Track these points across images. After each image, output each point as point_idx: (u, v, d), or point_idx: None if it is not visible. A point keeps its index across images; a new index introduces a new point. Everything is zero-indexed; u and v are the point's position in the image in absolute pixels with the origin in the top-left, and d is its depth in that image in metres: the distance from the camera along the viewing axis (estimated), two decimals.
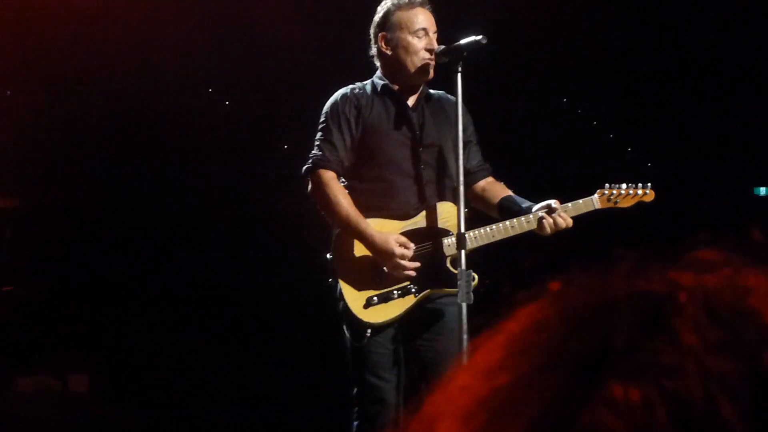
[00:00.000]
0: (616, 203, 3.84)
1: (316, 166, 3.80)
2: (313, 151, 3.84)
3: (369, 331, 3.64)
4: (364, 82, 3.93)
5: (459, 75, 3.64)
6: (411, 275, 3.68)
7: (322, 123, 3.87)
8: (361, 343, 3.65)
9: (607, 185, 3.83)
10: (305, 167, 3.84)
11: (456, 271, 3.52)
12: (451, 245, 3.70)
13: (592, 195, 3.81)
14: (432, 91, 3.96)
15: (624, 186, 3.85)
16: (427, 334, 3.71)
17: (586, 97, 6.64)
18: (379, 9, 3.90)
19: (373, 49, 3.94)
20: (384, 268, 3.69)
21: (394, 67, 3.85)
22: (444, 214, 3.76)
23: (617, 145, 6.69)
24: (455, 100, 3.64)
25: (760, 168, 6.48)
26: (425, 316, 3.73)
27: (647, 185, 3.91)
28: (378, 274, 3.70)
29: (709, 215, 6.02)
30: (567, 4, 6.21)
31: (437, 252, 3.73)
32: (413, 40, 3.78)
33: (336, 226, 3.77)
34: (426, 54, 3.77)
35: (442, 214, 3.77)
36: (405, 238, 3.69)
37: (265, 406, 6.25)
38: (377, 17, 3.90)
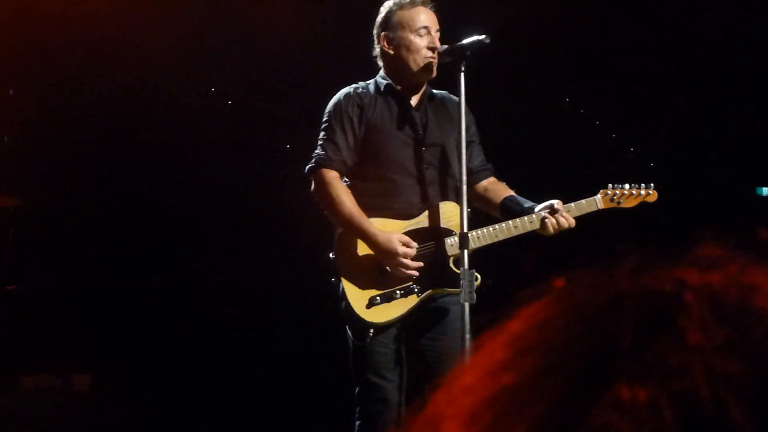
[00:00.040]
0: (619, 203, 3.82)
1: (319, 165, 3.79)
2: (316, 150, 3.83)
3: (371, 330, 3.63)
4: (367, 82, 3.93)
5: (462, 74, 3.62)
6: (414, 275, 3.67)
7: (325, 122, 3.86)
8: (363, 343, 3.64)
9: (610, 185, 3.81)
10: (308, 166, 3.83)
11: (458, 271, 3.51)
12: (454, 245, 3.69)
13: (595, 195, 3.80)
14: (435, 91, 3.96)
15: (627, 186, 3.84)
16: (431, 333, 3.71)
17: (588, 96, 6.63)
18: (381, 9, 3.91)
19: (376, 50, 3.94)
20: (387, 268, 3.69)
21: (397, 66, 3.85)
22: (447, 214, 3.76)
23: (619, 144, 6.68)
24: (458, 100, 3.63)
25: (764, 168, 6.47)
26: (428, 316, 3.72)
27: (650, 185, 3.89)
28: (381, 273, 3.69)
29: (712, 216, 6.00)
30: (568, 3, 6.20)
31: (440, 252, 3.73)
32: (415, 39, 3.78)
33: (339, 226, 3.76)
34: (428, 52, 3.77)
35: (444, 214, 3.76)
36: (408, 237, 3.69)
37: (267, 405, 6.25)
38: (379, 17, 3.90)
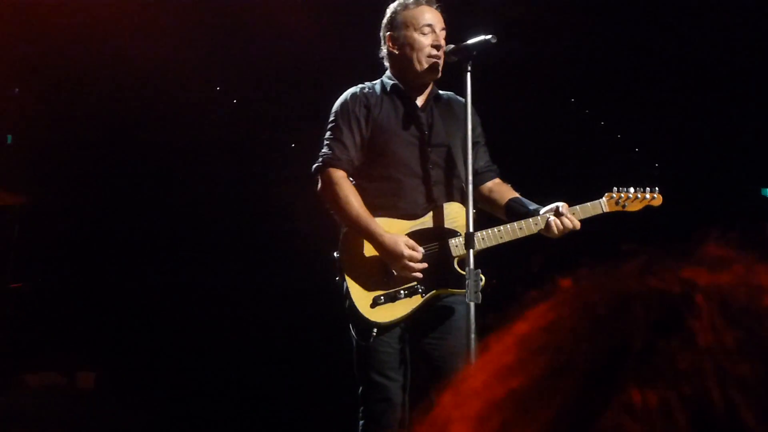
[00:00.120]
0: (624, 207, 3.82)
1: (326, 164, 3.77)
2: (323, 149, 3.81)
3: (375, 330, 3.62)
4: (374, 82, 3.91)
5: (468, 74, 3.61)
6: (418, 276, 3.67)
7: (332, 122, 3.84)
8: (367, 342, 3.63)
9: (615, 188, 3.80)
10: (315, 166, 3.81)
11: (462, 272, 3.50)
12: (459, 246, 3.69)
13: (600, 198, 3.79)
14: (441, 91, 3.95)
15: (632, 190, 3.82)
16: (436, 333, 3.69)
17: (593, 97, 6.62)
18: (387, 10, 3.90)
19: (382, 50, 3.93)
20: (392, 269, 3.69)
21: (402, 66, 3.84)
22: (452, 215, 3.75)
23: (625, 145, 6.67)
24: (464, 101, 3.62)
25: None
26: (433, 315, 3.71)
27: (655, 189, 3.88)
28: (385, 273, 3.68)
29: (717, 216, 5.99)
30: (574, 4, 6.20)
31: (444, 252, 3.72)
32: (419, 37, 3.77)
33: (345, 226, 3.75)
34: (432, 50, 3.76)
35: (449, 215, 3.75)
36: (413, 241, 3.68)
37: (271, 404, 6.25)
38: (385, 18, 3.89)
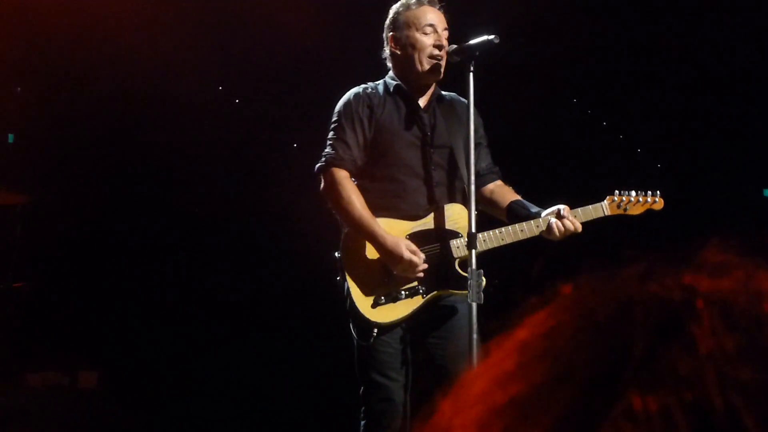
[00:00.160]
0: (625, 210, 3.82)
1: (329, 164, 3.76)
2: (326, 149, 3.80)
3: (375, 330, 3.62)
4: (377, 82, 3.90)
5: (471, 75, 3.61)
6: (419, 277, 3.67)
7: (335, 122, 3.83)
8: (367, 343, 3.63)
9: (616, 192, 3.80)
10: (318, 165, 3.80)
11: (464, 273, 3.51)
12: (460, 247, 3.69)
13: (602, 201, 3.80)
14: (444, 92, 3.94)
15: (633, 193, 3.83)
16: (438, 332, 3.69)
17: (595, 97, 6.62)
18: (390, 11, 3.90)
19: (385, 51, 3.92)
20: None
21: (405, 66, 3.83)
22: (453, 216, 3.75)
23: (627, 145, 6.66)
24: (467, 102, 3.62)
25: None
26: (435, 315, 3.71)
27: (656, 193, 3.89)
28: (386, 273, 3.68)
29: (718, 216, 5.99)
30: (576, 3, 6.19)
31: (446, 254, 3.71)
32: (421, 37, 3.76)
33: (347, 226, 3.74)
34: (434, 50, 3.75)
35: (451, 216, 3.75)
36: (415, 242, 3.67)
37: (273, 404, 6.25)
38: (388, 19, 3.89)
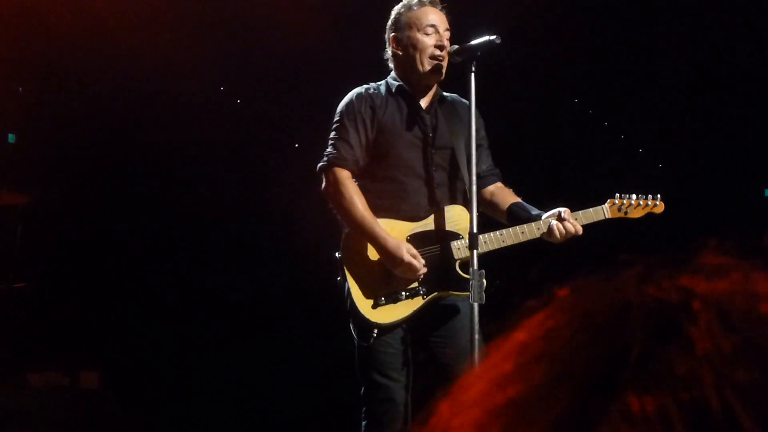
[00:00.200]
0: (626, 213, 3.83)
1: (331, 164, 3.74)
2: (328, 149, 3.78)
3: (375, 331, 3.61)
4: (379, 83, 3.89)
5: (473, 75, 3.61)
6: (420, 278, 3.67)
7: (337, 121, 3.82)
8: (367, 343, 3.62)
9: (617, 195, 3.81)
10: (320, 165, 3.78)
11: (464, 275, 3.51)
12: (461, 248, 3.68)
13: (603, 204, 3.80)
14: (445, 93, 3.93)
15: (634, 197, 3.84)
16: (441, 330, 3.68)
17: (597, 97, 6.62)
18: (392, 12, 3.90)
19: (387, 52, 3.92)
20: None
21: (406, 67, 3.83)
22: (454, 217, 3.74)
23: (628, 145, 6.66)
24: (468, 103, 3.62)
25: None
26: (437, 314, 3.70)
27: (657, 197, 3.90)
28: (387, 274, 3.67)
29: (719, 216, 5.99)
30: (577, 3, 6.19)
31: (446, 255, 3.71)
32: (422, 37, 3.76)
33: (348, 226, 3.73)
34: (436, 50, 3.74)
35: (452, 218, 3.74)
36: (416, 243, 3.67)
37: (274, 405, 6.26)
38: (389, 20, 3.88)
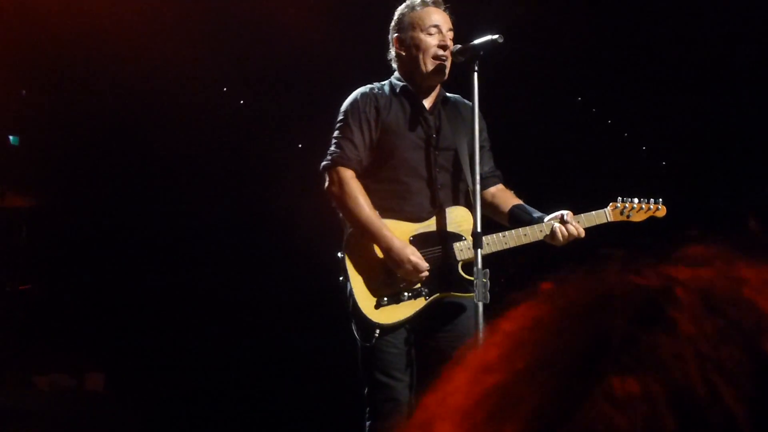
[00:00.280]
0: (628, 217, 3.85)
1: (336, 163, 3.74)
2: (332, 148, 3.78)
3: (378, 331, 3.62)
4: (382, 83, 3.89)
5: (476, 75, 3.61)
6: (422, 279, 3.67)
7: (341, 121, 3.81)
8: (369, 343, 3.63)
9: (619, 198, 3.84)
10: (324, 164, 3.78)
11: (467, 276, 3.52)
12: (464, 250, 3.69)
13: (605, 207, 3.82)
14: (448, 94, 3.94)
15: (636, 200, 3.86)
16: (447, 327, 3.68)
17: (600, 95, 6.61)
18: (395, 12, 3.90)
19: (390, 53, 3.92)
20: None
21: (410, 67, 3.83)
22: (457, 219, 3.75)
23: (631, 144, 6.66)
24: (471, 104, 3.62)
25: None
26: (442, 312, 3.71)
27: (659, 201, 3.92)
28: (390, 275, 3.67)
29: (722, 214, 5.98)
30: (580, 2, 6.19)
31: (449, 256, 3.71)
32: (425, 37, 3.76)
33: (352, 226, 3.72)
34: (439, 50, 3.74)
35: (455, 219, 3.75)
36: (419, 244, 3.67)
37: (278, 405, 6.26)
38: (393, 21, 3.89)
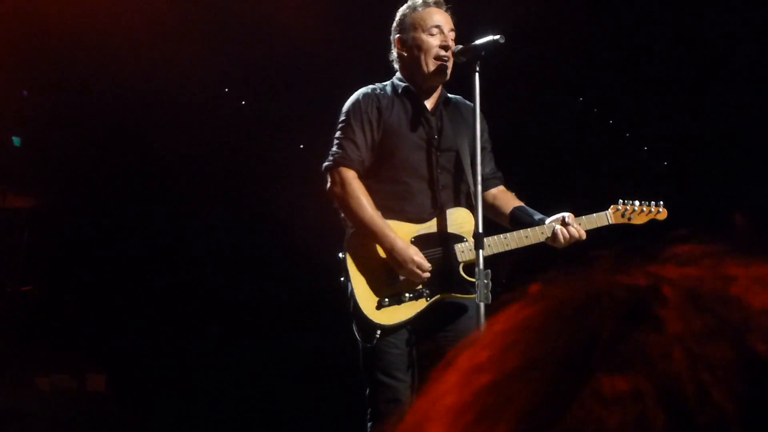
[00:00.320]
0: (629, 219, 3.85)
1: (338, 163, 3.74)
2: (334, 148, 3.78)
3: (379, 332, 3.62)
4: (384, 83, 3.89)
5: (477, 75, 3.61)
6: (424, 280, 3.67)
7: (343, 121, 3.81)
8: (371, 344, 3.62)
9: (620, 201, 3.84)
10: (326, 164, 3.78)
11: (468, 278, 3.52)
12: (465, 251, 3.69)
13: (606, 210, 3.82)
14: (450, 95, 3.93)
15: (637, 203, 3.87)
16: (449, 327, 3.68)
17: (601, 95, 6.61)
18: (397, 13, 3.90)
19: (392, 54, 3.92)
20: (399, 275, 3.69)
21: (411, 68, 3.83)
22: (459, 220, 3.75)
23: (633, 144, 6.66)
24: (473, 105, 3.62)
25: None
26: (443, 312, 3.71)
27: (660, 203, 3.93)
28: (391, 275, 3.67)
29: (724, 214, 5.97)
30: (581, 3, 6.19)
31: (450, 257, 3.71)
32: (427, 38, 3.76)
33: (354, 226, 3.72)
34: (440, 51, 3.74)
35: (456, 220, 3.75)
36: (420, 245, 3.67)
37: (279, 405, 6.26)
38: (394, 22, 3.89)
